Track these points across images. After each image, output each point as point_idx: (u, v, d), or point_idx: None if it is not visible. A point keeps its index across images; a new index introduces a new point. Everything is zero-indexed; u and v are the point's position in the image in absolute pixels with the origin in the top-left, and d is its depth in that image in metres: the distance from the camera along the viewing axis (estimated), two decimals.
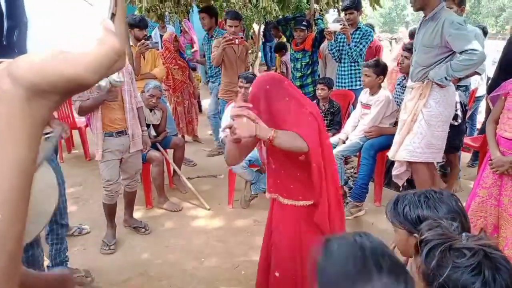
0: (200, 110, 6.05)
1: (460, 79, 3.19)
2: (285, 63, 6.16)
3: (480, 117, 4.54)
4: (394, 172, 2.85)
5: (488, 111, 4.07)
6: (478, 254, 0.83)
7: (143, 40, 3.66)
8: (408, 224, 1.18)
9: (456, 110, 3.05)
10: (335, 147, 3.33)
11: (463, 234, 0.90)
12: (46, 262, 2.44)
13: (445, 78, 2.55)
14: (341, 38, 4.02)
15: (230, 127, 1.59)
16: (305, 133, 1.65)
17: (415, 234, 1.14)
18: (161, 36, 6.75)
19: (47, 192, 1.77)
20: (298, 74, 4.23)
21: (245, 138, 1.61)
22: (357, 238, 0.79)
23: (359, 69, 4.00)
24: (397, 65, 3.97)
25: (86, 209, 3.52)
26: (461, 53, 2.46)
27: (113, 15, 0.41)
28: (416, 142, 2.71)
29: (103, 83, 2.56)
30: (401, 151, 2.77)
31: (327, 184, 1.76)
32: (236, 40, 3.97)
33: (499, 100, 2.36)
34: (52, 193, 1.77)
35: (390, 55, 7.02)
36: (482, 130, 4.25)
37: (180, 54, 4.82)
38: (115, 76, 2.62)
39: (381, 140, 3.18)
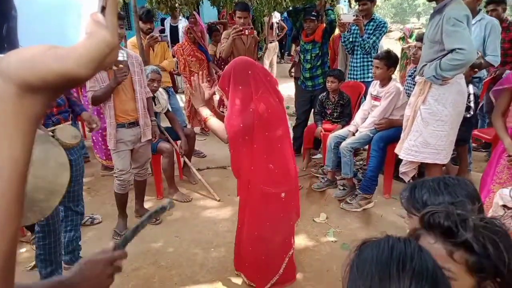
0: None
1: (475, 72, 3.13)
2: (298, 53, 6.14)
3: None
4: (401, 168, 2.83)
5: (489, 104, 4.01)
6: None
7: (152, 33, 3.67)
8: None
9: (469, 102, 3.00)
10: (344, 139, 3.32)
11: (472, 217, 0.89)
12: None
13: (434, 76, 2.49)
14: (354, 30, 3.98)
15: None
16: (231, 127, 2.00)
17: None
18: (173, 27, 6.76)
19: (58, 170, 1.80)
20: (308, 66, 4.20)
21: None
22: (391, 240, 0.75)
23: (372, 61, 3.96)
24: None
25: (97, 200, 3.58)
26: (451, 51, 2.39)
27: (103, 8, 0.41)
28: (412, 140, 2.67)
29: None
30: (402, 149, 2.75)
31: (252, 169, 2.09)
32: (246, 31, 3.95)
33: (504, 93, 2.30)
34: (63, 170, 1.80)
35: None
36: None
37: (200, 46, 4.79)
38: (118, 56, 2.62)
39: (391, 132, 3.16)
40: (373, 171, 3.10)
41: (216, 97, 4.06)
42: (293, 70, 7.16)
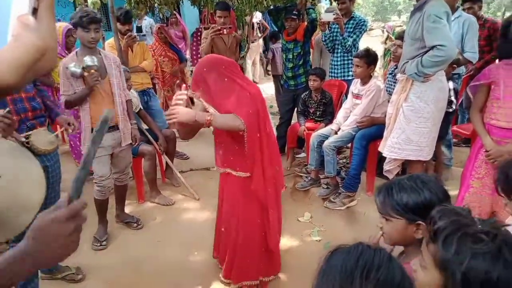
0: (193, 103, 5.98)
1: (454, 68, 3.16)
2: (272, 51, 6.16)
3: None
4: (385, 166, 2.84)
5: (468, 100, 4.07)
6: (496, 238, 0.80)
7: (130, 33, 3.59)
8: (408, 212, 1.15)
9: (450, 97, 3.02)
10: (327, 138, 3.32)
11: (476, 218, 0.88)
12: None
13: (416, 73, 2.50)
14: (334, 28, 3.98)
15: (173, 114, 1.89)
16: (242, 113, 1.88)
17: (419, 221, 1.13)
18: (137, 27, 6.65)
19: (33, 187, 1.73)
20: (290, 65, 4.18)
21: (184, 123, 1.91)
22: (360, 247, 0.74)
23: (352, 59, 3.97)
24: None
25: None
26: (432, 48, 2.40)
27: (35, 10, 0.37)
28: (395, 137, 2.68)
29: (75, 68, 2.49)
30: (385, 147, 2.76)
31: (262, 157, 2.01)
32: (224, 30, 3.92)
33: (480, 89, 2.33)
34: (38, 187, 1.73)
35: (382, 46, 6.99)
36: None
37: (171, 46, 4.73)
38: (88, 61, 2.56)
39: (373, 130, 3.17)
40: (356, 169, 3.10)
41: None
42: (269, 68, 7.13)
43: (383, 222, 1.24)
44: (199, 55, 4.85)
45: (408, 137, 2.64)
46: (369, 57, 3.17)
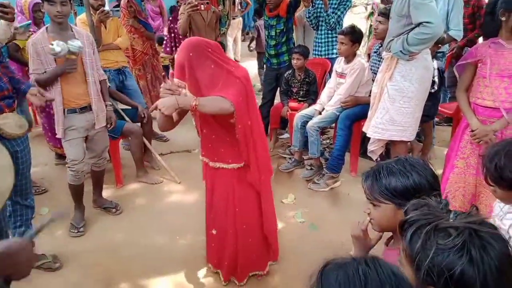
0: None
1: (438, 47, 3.12)
2: (257, 28, 5.98)
3: None
4: (369, 147, 2.81)
5: (451, 78, 4.08)
6: (463, 233, 0.77)
7: (102, 8, 3.36)
8: (397, 197, 1.11)
9: (434, 77, 2.99)
10: (311, 119, 3.25)
11: (452, 212, 0.83)
12: None
13: (401, 52, 2.44)
14: (318, 4, 3.86)
15: (156, 108, 1.73)
16: (231, 95, 1.72)
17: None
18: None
19: (1, 173, 1.61)
20: (273, 42, 4.05)
21: (170, 113, 1.73)
22: (360, 269, 0.68)
23: (336, 37, 3.88)
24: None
25: (53, 190, 3.34)
26: (418, 25, 2.34)
27: None
28: (379, 117, 2.65)
29: (59, 49, 2.33)
30: (369, 127, 2.72)
31: (255, 145, 1.88)
32: (202, 6, 3.74)
33: (467, 68, 2.29)
34: (6, 174, 1.61)
35: (366, 22, 6.87)
36: (455, 97, 4.28)
37: (142, 22, 4.46)
38: (73, 43, 2.40)
39: (357, 110, 3.12)
40: (340, 150, 3.06)
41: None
42: (252, 44, 6.97)
43: (371, 208, 1.19)
44: (176, 39, 4.59)
45: (392, 117, 2.61)
46: (354, 34, 3.09)
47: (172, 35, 4.63)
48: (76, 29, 2.62)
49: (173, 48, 4.57)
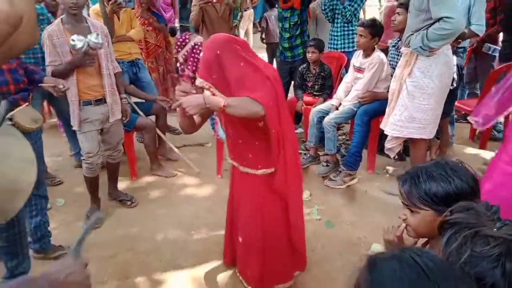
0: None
1: (458, 42, 3.04)
2: (265, 18, 5.90)
3: None
4: (386, 144, 2.76)
5: (469, 74, 3.96)
6: (502, 244, 0.74)
7: None
8: (438, 203, 1.06)
9: (453, 73, 2.92)
10: (327, 114, 3.20)
11: (498, 221, 0.80)
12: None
13: (421, 47, 2.38)
14: None
15: (179, 106, 1.61)
16: (261, 97, 1.59)
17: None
18: None
19: (24, 167, 1.60)
20: (287, 35, 3.99)
21: (196, 113, 1.64)
22: (417, 258, 0.65)
23: (353, 30, 3.80)
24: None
25: (68, 182, 3.35)
26: (438, 20, 2.27)
27: None
28: (397, 114, 2.59)
29: (80, 44, 2.32)
30: (387, 124, 2.67)
31: (285, 150, 1.74)
32: None
33: None
34: (30, 167, 1.60)
35: (379, 16, 6.76)
36: (473, 93, 4.19)
37: (155, 14, 4.41)
38: (93, 37, 2.38)
39: (375, 106, 3.05)
40: (357, 147, 3.01)
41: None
42: (263, 36, 6.96)
43: (408, 214, 1.15)
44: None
45: (411, 114, 2.55)
46: (375, 28, 3.01)
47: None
48: (91, 20, 2.60)
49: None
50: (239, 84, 1.62)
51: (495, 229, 0.78)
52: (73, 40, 2.29)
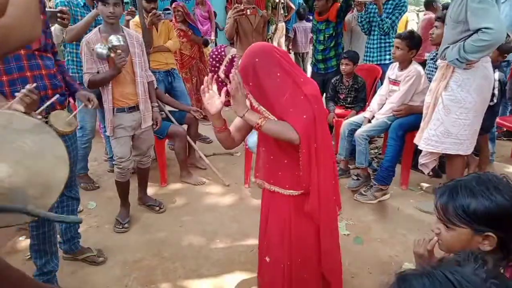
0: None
1: (505, 56, 2.89)
2: (293, 29, 6.03)
3: None
4: (420, 160, 2.63)
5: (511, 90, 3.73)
6: None
7: (154, 11, 3.44)
8: (477, 221, 0.98)
9: (493, 89, 2.77)
10: (359, 126, 3.12)
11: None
12: (58, 239, 2.37)
13: (457, 60, 2.27)
14: (371, 9, 3.73)
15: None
16: (297, 123, 1.51)
17: (488, 233, 0.97)
18: None
19: (56, 164, 1.65)
20: (321, 47, 3.96)
21: (211, 115, 1.63)
22: (450, 276, 0.60)
23: (390, 42, 3.72)
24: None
25: (100, 186, 3.45)
26: (476, 31, 2.17)
27: None
28: (432, 129, 2.48)
29: (103, 50, 2.40)
30: (422, 139, 2.55)
31: (319, 172, 1.61)
32: (248, 11, 3.72)
33: None
34: (62, 164, 1.65)
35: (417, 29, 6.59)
36: None
37: (191, 26, 4.53)
38: (114, 41, 2.46)
39: (410, 120, 2.94)
40: (391, 161, 2.90)
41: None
42: (290, 46, 7.12)
43: (442, 228, 1.06)
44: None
45: (447, 129, 2.44)
46: (413, 40, 2.92)
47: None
48: (127, 30, 2.68)
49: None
50: (276, 92, 1.56)
51: None
52: (94, 49, 2.39)
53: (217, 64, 4.56)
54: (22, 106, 1.61)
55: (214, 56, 4.67)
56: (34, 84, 1.72)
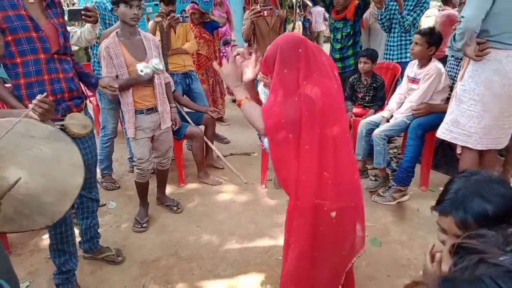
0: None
1: None
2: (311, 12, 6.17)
3: None
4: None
5: None
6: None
7: (172, 14, 3.48)
8: (502, 221, 0.96)
9: None
10: (377, 126, 3.06)
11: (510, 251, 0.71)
12: (78, 239, 2.44)
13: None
14: (392, 6, 3.65)
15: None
16: (272, 114, 1.53)
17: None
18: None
19: (71, 171, 1.69)
20: (338, 46, 3.91)
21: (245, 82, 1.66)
22: (500, 282, 0.59)
23: (411, 40, 3.63)
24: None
25: (121, 186, 3.52)
26: None
27: None
28: (446, 116, 2.51)
29: (148, 70, 2.46)
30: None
31: (300, 174, 1.55)
32: (265, 12, 3.71)
33: None
34: (77, 171, 1.70)
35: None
36: None
37: (207, 26, 4.54)
38: (156, 64, 2.52)
39: (430, 119, 2.86)
40: (410, 162, 2.83)
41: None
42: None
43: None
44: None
45: (455, 118, 2.43)
46: (432, 37, 2.84)
47: None
48: (143, 33, 2.71)
49: None
50: (277, 87, 1.56)
51: (501, 258, 0.70)
52: (141, 71, 2.46)
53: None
54: (35, 115, 1.65)
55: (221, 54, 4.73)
56: (45, 94, 1.74)
